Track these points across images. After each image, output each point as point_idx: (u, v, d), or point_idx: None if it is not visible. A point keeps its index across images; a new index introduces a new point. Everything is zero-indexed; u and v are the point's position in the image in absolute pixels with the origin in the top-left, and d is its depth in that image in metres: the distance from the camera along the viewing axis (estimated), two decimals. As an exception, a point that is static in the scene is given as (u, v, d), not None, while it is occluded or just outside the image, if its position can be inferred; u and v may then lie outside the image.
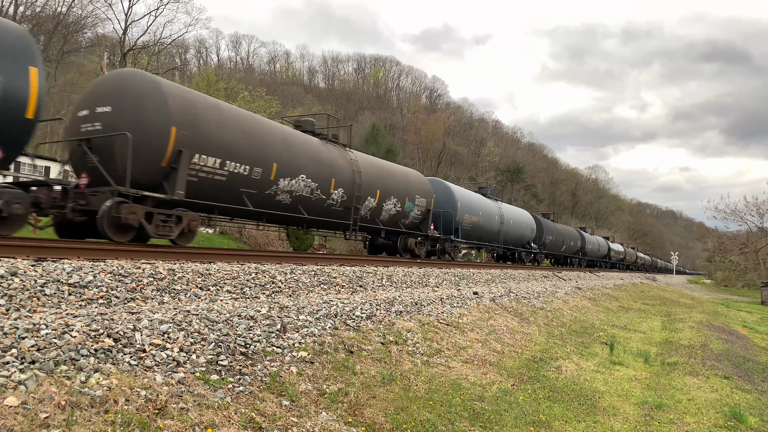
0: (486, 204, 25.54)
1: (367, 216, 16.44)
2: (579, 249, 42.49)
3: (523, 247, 30.38)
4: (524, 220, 30.06)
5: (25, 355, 3.97)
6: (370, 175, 16.26)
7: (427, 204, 19.47)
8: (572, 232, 42.36)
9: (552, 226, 36.56)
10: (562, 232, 38.60)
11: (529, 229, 30.44)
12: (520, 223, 29.21)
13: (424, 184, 19.89)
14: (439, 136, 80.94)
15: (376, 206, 16.58)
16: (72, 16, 37.70)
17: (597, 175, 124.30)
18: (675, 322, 18.15)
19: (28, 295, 5.47)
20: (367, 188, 15.94)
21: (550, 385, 7.74)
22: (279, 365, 5.46)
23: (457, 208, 21.79)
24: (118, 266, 6.96)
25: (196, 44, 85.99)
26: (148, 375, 4.39)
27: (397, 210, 17.77)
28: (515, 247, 29.49)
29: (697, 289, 58.94)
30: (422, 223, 19.59)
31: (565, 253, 39.86)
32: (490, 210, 25.72)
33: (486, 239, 25.60)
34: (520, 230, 29.24)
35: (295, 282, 9.11)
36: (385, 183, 17.08)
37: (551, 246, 35.64)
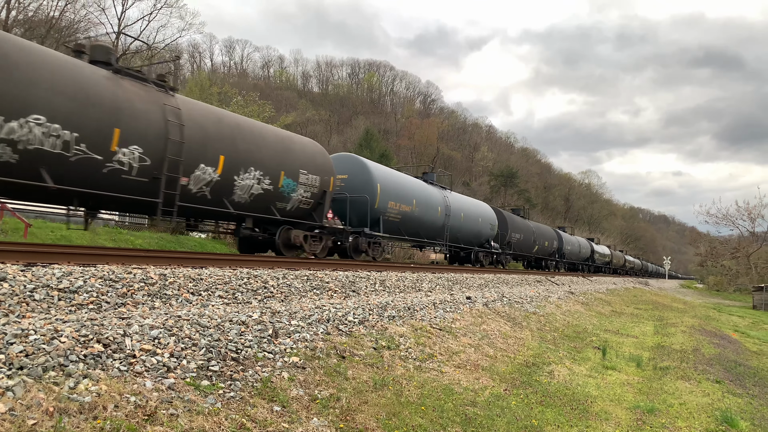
0: (424, 191, 20.35)
1: (203, 194, 11.29)
2: (556, 250, 38.62)
3: (481, 246, 25.60)
4: (481, 214, 25.24)
5: (13, 361, 3.93)
6: (207, 133, 11.24)
7: (322, 183, 14.38)
8: (547, 230, 37.86)
9: (521, 222, 31.90)
10: (533, 230, 33.84)
11: (487, 225, 25.55)
12: (475, 217, 24.39)
13: (318, 154, 14.63)
14: (433, 141, 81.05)
15: (219, 179, 11.44)
16: (65, 20, 37.59)
17: (590, 180, 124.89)
18: (667, 327, 18.20)
19: (17, 301, 5.43)
20: (197, 151, 10.96)
21: (543, 390, 7.74)
22: (270, 371, 5.44)
23: (376, 193, 16.72)
24: (108, 271, 6.92)
25: (189, 49, 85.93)
26: (138, 381, 4.36)
27: (266, 188, 12.65)
28: (469, 246, 24.65)
29: (689, 294, 59.22)
30: (316, 209, 14.54)
31: (539, 254, 35.54)
32: (431, 199, 20.60)
33: (425, 235, 20.55)
34: (476, 226, 24.45)
35: (287, 287, 9.09)
36: (237, 146, 11.87)
37: (519, 246, 30.95)
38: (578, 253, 45.16)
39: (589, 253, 48.07)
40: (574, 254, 43.69)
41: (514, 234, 29.71)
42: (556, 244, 38.72)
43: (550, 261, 39.05)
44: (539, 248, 35.03)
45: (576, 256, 44.50)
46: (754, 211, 58.94)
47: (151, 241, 22.46)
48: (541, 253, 35.95)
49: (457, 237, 23.13)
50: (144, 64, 40.05)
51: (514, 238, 29.68)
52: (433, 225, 20.94)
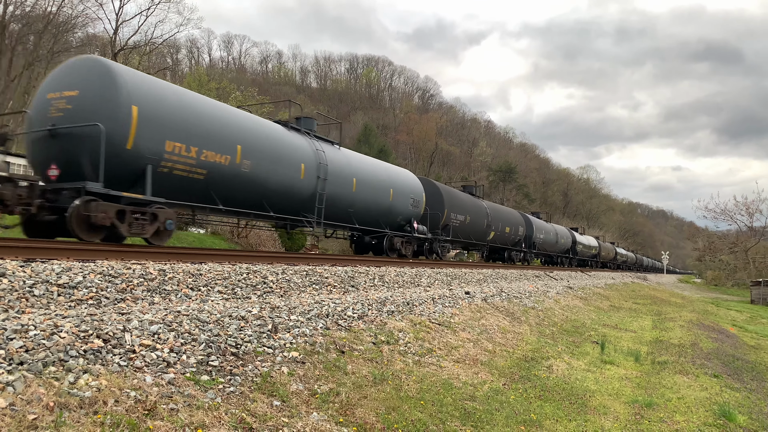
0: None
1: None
2: (523, 238, 33.39)
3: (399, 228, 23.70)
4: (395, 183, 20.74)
5: (13, 357, 3.94)
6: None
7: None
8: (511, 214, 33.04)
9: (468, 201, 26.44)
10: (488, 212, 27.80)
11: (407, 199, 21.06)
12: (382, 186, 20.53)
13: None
14: (432, 137, 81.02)
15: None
16: (62, 15, 37.45)
17: (588, 175, 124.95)
18: (665, 321, 18.26)
19: (17, 296, 5.43)
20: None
21: (541, 385, 7.77)
22: (270, 365, 5.45)
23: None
24: (108, 266, 6.92)
25: (187, 44, 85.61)
26: (138, 376, 4.37)
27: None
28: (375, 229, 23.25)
29: (688, 288, 59.35)
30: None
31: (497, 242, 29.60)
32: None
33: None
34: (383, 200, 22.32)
35: (286, 282, 9.10)
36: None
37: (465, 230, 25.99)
38: (555, 243, 39.85)
39: (570, 244, 42.53)
40: (549, 244, 38.21)
41: (457, 215, 23.67)
42: (523, 231, 33.75)
43: (515, 252, 33.21)
44: (497, 235, 29.23)
45: (552, 246, 39.03)
46: (752, 206, 58.98)
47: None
48: (500, 242, 30.17)
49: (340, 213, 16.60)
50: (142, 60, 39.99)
51: (457, 220, 23.66)
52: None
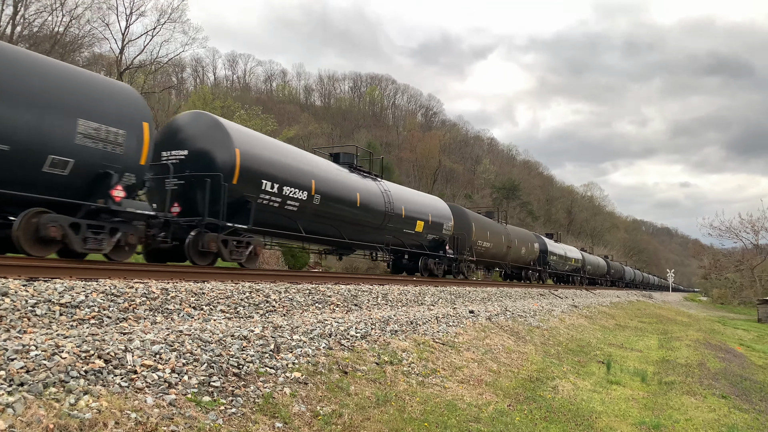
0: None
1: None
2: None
3: None
4: None
5: (13, 377, 3.91)
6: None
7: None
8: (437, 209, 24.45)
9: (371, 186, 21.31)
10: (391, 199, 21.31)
11: None
12: None
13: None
14: (435, 154, 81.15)
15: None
16: (69, 35, 37.85)
17: (592, 192, 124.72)
18: (672, 341, 18.08)
19: (19, 316, 5.41)
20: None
21: (547, 405, 7.67)
22: (272, 386, 5.40)
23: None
24: (110, 285, 6.90)
25: (192, 63, 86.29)
26: (139, 397, 4.32)
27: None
28: None
29: (694, 307, 58.92)
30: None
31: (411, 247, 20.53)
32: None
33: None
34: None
35: (289, 301, 9.05)
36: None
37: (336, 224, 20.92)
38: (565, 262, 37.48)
39: (536, 255, 32.72)
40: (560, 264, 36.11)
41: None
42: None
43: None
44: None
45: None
46: (757, 224, 58.69)
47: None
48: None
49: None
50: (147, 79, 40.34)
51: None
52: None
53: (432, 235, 20.32)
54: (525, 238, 31.46)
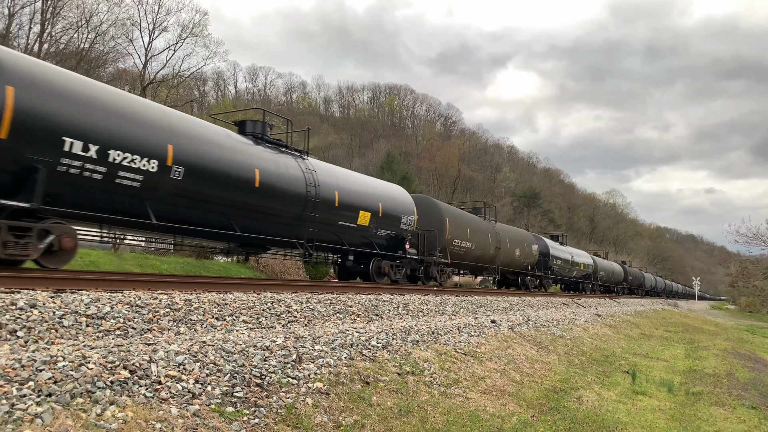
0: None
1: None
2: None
3: None
4: None
5: (42, 388, 3.98)
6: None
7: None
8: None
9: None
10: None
11: None
12: None
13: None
14: (455, 163, 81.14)
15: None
16: (94, 52, 38.71)
17: (614, 200, 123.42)
18: (699, 350, 17.74)
19: (47, 327, 5.51)
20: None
21: (571, 416, 7.57)
22: (294, 396, 5.42)
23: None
24: (135, 297, 7.00)
25: (214, 76, 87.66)
26: (164, 407, 4.37)
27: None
28: None
29: (721, 315, 57.75)
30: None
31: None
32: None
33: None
34: None
35: (310, 311, 9.09)
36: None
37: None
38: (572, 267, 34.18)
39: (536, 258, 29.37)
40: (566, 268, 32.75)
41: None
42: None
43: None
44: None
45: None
46: (785, 230, 57.32)
47: (177, 266, 22.70)
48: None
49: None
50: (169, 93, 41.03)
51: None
52: None
53: (385, 231, 16.52)
54: (520, 239, 27.85)
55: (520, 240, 27.77)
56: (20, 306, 5.62)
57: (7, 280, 6.84)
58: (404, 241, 17.30)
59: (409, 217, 17.56)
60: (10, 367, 4.09)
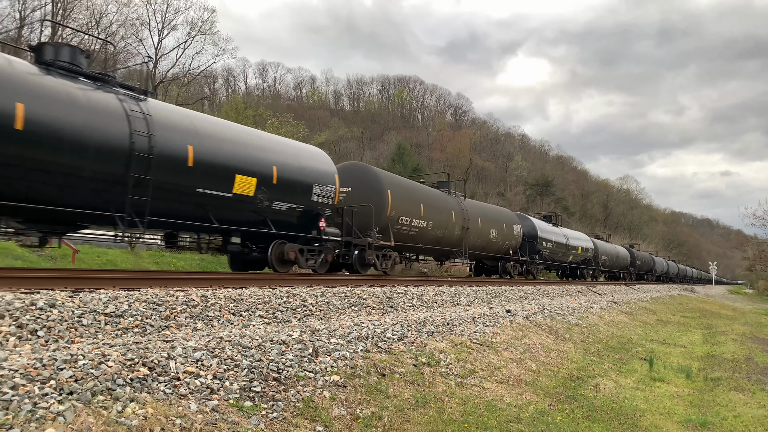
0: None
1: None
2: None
3: None
4: None
5: (63, 386, 4.04)
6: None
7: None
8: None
9: None
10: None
11: None
12: None
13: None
14: (466, 153, 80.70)
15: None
16: (105, 53, 39.01)
17: (628, 186, 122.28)
18: (716, 335, 17.60)
19: (66, 326, 5.59)
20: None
21: (589, 404, 7.56)
22: (312, 390, 5.46)
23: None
24: (152, 294, 7.07)
25: (224, 74, 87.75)
26: (183, 403, 4.42)
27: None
28: None
29: (739, 300, 57.16)
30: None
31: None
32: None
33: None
34: None
35: (325, 305, 9.13)
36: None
37: None
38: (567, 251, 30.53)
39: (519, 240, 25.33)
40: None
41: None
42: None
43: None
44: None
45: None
46: (803, 212, 56.50)
47: (193, 263, 22.91)
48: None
49: None
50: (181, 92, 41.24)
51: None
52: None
53: (285, 204, 12.59)
54: (497, 218, 23.61)
55: (496, 219, 23.60)
56: (40, 306, 5.71)
57: (26, 281, 6.96)
58: (318, 217, 13.43)
59: (326, 188, 13.59)
60: (31, 367, 4.16)
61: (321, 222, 13.41)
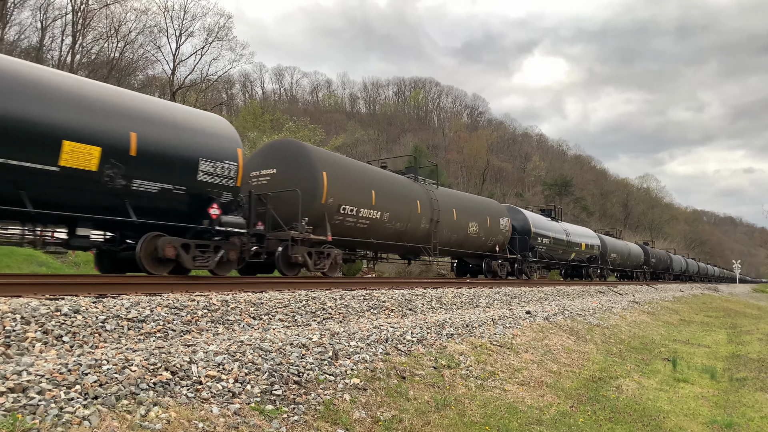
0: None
1: None
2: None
3: None
4: None
5: (88, 391, 4.11)
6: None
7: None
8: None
9: None
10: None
11: None
12: None
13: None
14: (483, 154, 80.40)
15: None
16: (124, 60, 39.58)
17: (648, 184, 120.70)
18: (741, 335, 17.31)
19: (90, 332, 5.68)
20: None
21: (611, 406, 7.48)
22: (332, 393, 5.48)
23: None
24: (173, 299, 7.15)
25: (241, 79, 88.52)
26: (205, 407, 4.47)
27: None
28: None
29: (764, 298, 56.14)
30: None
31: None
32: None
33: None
34: None
35: (344, 308, 9.15)
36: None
37: None
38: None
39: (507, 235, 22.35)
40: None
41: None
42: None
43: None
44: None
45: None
46: (830, 208, 55.19)
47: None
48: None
49: None
50: (198, 96, 41.67)
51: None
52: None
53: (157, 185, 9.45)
54: (477, 210, 20.30)
55: (477, 211, 20.26)
56: (64, 312, 5.80)
57: (51, 287, 7.08)
58: (209, 203, 10.33)
59: (222, 165, 10.55)
60: (57, 372, 4.23)
61: (213, 209, 10.31)
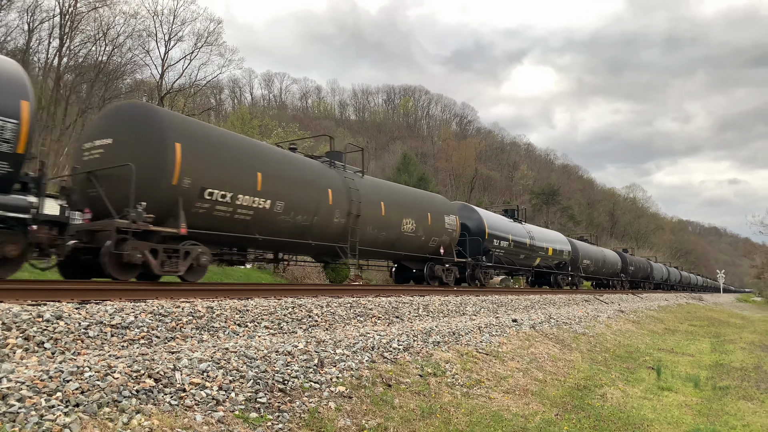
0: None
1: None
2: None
3: None
4: None
5: (69, 398, 4.06)
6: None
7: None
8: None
9: None
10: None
11: None
12: None
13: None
14: (471, 162, 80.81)
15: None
16: (112, 64, 39.30)
17: (635, 194, 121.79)
18: (725, 344, 17.48)
19: (73, 338, 5.62)
20: None
21: (596, 414, 7.51)
22: (317, 401, 5.45)
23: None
24: (158, 306, 7.10)
25: (230, 84, 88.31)
26: (189, 414, 4.43)
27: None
28: None
29: (747, 308, 56.75)
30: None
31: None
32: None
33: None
34: None
35: (331, 315, 9.13)
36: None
37: None
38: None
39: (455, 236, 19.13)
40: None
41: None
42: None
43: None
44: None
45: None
46: (810, 220, 56.10)
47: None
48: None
49: None
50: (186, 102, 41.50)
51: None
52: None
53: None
54: (415, 204, 17.34)
55: (414, 206, 17.24)
56: (47, 318, 5.74)
57: (33, 293, 6.99)
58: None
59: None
60: (38, 379, 4.18)
61: None
